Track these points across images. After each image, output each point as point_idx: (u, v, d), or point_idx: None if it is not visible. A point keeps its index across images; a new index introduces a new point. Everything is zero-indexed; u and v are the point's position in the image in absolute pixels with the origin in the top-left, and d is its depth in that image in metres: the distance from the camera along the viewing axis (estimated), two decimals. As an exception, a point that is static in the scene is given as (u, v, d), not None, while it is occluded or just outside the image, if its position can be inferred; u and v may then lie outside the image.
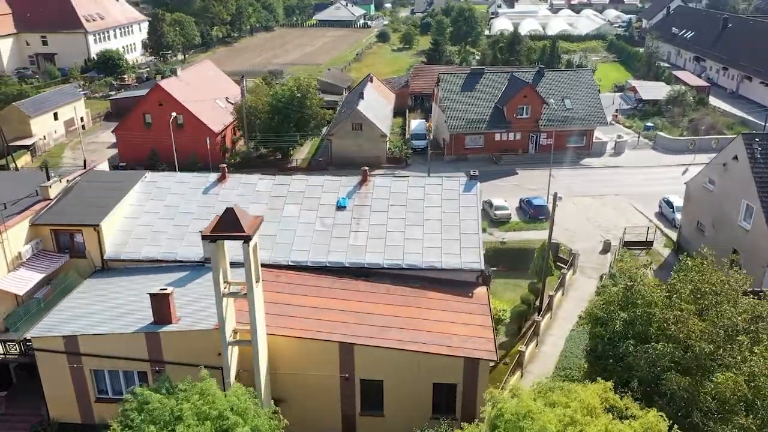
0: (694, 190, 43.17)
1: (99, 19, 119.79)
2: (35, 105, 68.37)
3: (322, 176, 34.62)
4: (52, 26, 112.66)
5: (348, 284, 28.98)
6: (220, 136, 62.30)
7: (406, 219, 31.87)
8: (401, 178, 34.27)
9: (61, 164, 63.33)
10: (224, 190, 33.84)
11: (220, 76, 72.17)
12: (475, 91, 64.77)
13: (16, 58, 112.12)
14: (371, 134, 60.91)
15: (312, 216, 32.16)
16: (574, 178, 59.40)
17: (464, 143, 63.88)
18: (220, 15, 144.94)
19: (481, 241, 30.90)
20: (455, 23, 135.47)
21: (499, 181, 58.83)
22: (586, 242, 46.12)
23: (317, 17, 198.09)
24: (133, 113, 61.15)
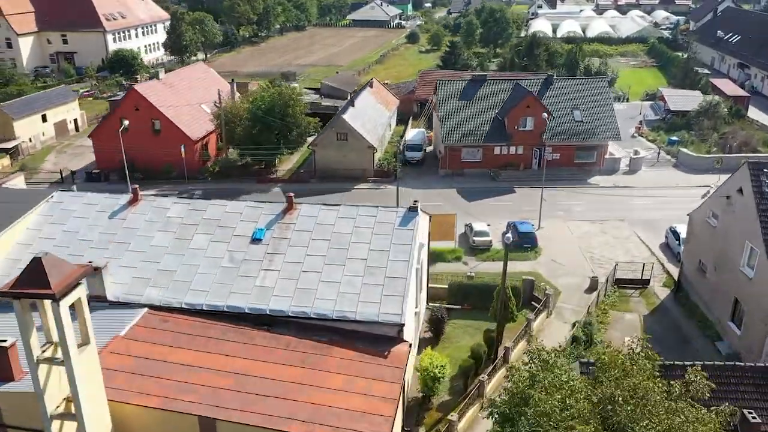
0: (697, 223, 37.14)
1: (120, 18, 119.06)
2: (21, 106, 66.63)
3: (242, 202, 30.54)
4: (72, 25, 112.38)
5: (242, 335, 24.71)
6: (200, 144, 59.00)
7: (327, 257, 27.38)
8: (332, 206, 29.79)
9: (39, 169, 61.29)
10: (132, 214, 30.06)
11: (213, 79, 69.03)
12: (475, 100, 59.55)
13: (37, 56, 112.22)
14: (357, 145, 56.49)
15: (222, 249, 28.04)
16: (576, 199, 53.56)
17: (461, 157, 58.73)
18: (246, 14, 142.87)
19: (410, 287, 26.13)
20: (485, 24, 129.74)
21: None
22: (573, 277, 40.56)
23: (351, 17, 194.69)
24: (109, 118, 58.46)
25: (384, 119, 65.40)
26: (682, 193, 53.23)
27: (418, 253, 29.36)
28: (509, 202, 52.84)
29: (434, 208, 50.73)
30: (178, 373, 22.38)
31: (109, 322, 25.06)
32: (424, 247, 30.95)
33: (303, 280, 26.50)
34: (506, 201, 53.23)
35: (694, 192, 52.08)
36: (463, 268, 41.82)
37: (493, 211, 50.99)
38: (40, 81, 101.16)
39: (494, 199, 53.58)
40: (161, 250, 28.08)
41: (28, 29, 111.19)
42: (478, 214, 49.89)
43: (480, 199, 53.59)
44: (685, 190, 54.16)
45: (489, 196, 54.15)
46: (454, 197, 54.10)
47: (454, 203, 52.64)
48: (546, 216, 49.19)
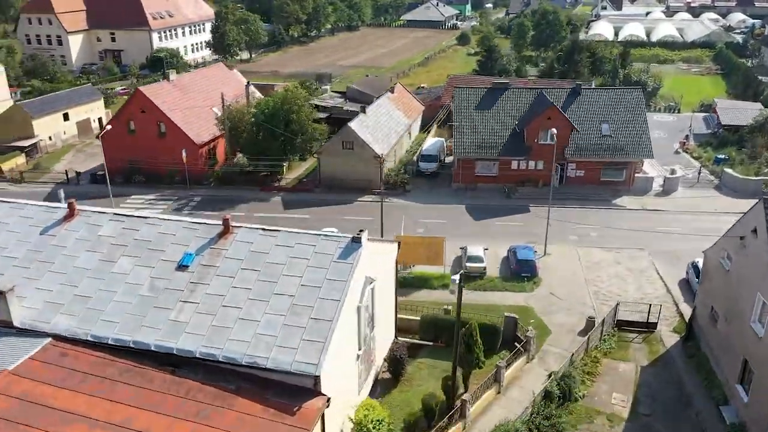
0: (713, 262, 32.14)
1: (167, 17, 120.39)
2: (41, 104, 67.09)
3: (179, 222, 28.04)
4: (120, 23, 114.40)
5: (140, 377, 22.15)
6: (205, 148, 57.40)
7: (253, 290, 24.50)
8: (271, 232, 26.89)
9: (52, 169, 61.27)
10: (65, 230, 28.06)
11: (234, 80, 67.38)
12: (493, 109, 55.36)
13: (86, 53, 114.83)
14: (364, 155, 53.43)
15: (144, 275, 25.63)
16: (596, 222, 48.66)
17: (475, 170, 54.71)
18: (295, 14, 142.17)
19: (336, 331, 22.87)
20: (537, 26, 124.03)
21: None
22: (570, 315, 36.16)
23: (405, 17, 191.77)
24: (117, 119, 57.68)
25: (401, 127, 62.05)
26: (720, 221, 47.40)
27: (362, 290, 26.10)
28: (520, 223, 48.54)
29: (435, 227, 47.47)
30: (49, 423, 20.01)
31: (5, 353, 23.11)
32: (376, 282, 27.59)
33: (220, 317, 23.72)
34: (517, 221, 48.95)
35: (735, 220, 46.24)
36: (448, 297, 38.07)
37: (500, 232, 46.88)
38: (84, 78, 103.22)
39: (504, 219, 49.36)
40: (82, 272, 25.95)
41: (78, 27, 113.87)
42: (481, 235, 45.93)
43: (488, 218, 49.53)
44: (724, 217, 48.24)
45: (499, 215, 49.98)
46: (460, 215, 50.24)
47: (458, 222, 48.84)
48: (556, 240, 44.79)
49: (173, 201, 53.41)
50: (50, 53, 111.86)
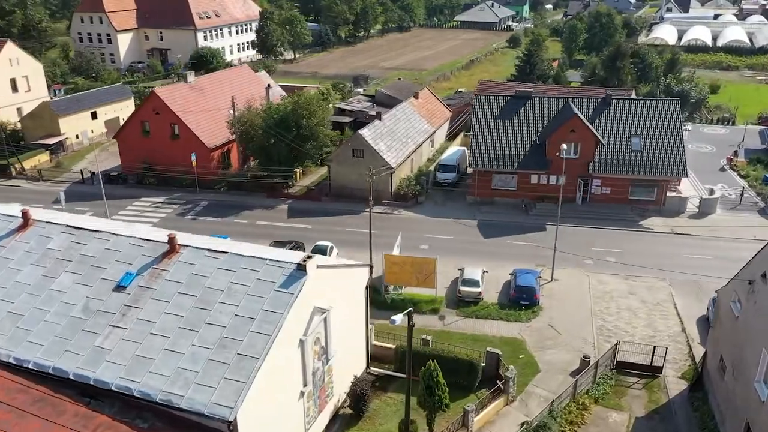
0: (724, 305, 28.29)
1: (214, 16, 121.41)
2: (68, 103, 67.93)
3: (127, 238, 26.52)
4: (167, 22, 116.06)
5: (50, 410, 20.61)
6: (218, 153, 56.43)
7: (185, 318, 22.68)
8: (218, 254, 24.98)
9: (72, 167, 61.71)
10: (16, 242, 27.01)
11: (256, 83, 66.31)
12: (514, 119, 52.02)
13: (135, 52, 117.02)
14: (374, 163, 50.93)
15: (81, 294, 24.24)
16: (616, 245, 44.78)
17: (492, 183, 51.55)
18: (342, 14, 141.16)
19: (260, 371, 20.74)
20: (590, 29, 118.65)
21: (515, 238, 46.08)
22: (565, 351, 32.82)
23: (458, 18, 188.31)
24: (132, 119, 57.47)
25: (421, 135, 59.40)
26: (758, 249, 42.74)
27: (308, 321, 23.89)
28: (533, 243, 45.16)
29: (440, 244, 44.70)
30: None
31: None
32: (333, 310, 25.28)
33: (146, 346, 22.01)
34: (530, 241, 45.58)
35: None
36: (436, 323, 35.41)
37: (509, 252, 43.67)
38: (129, 76, 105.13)
39: (517, 238, 46.08)
40: (22, 287, 24.81)
41: (127, 26, 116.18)
42: (487, 255, 42.92)
43: (499, 236, 46.36)
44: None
45: (512, 233, 46.72)
46: (470, 231, 47.26)
47: (466, 239, 45.90)
48: (568, 263, 41.38)
49: (179, 205, 52.60)
50: (100, 51, 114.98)
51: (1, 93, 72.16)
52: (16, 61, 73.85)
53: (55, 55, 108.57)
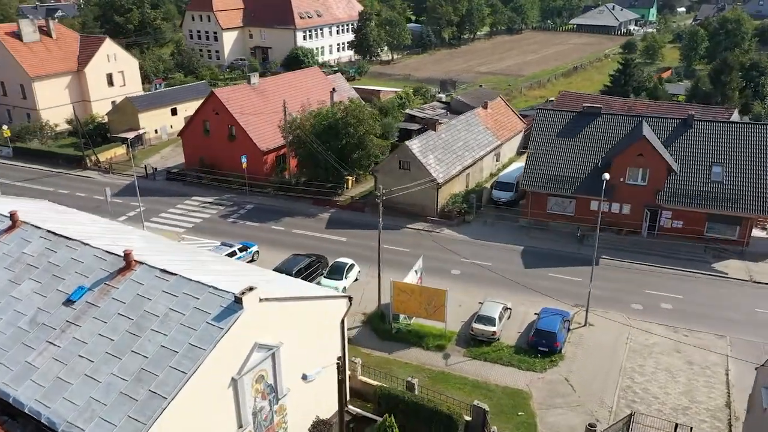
0: (759, 388, 23.01)
1: (316, 16, 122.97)
2: (149, 99, 70.59)
3: (93, 249, 25.78)
4: (270, 21, 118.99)
5: (-35, 424, 20.27)
6: (272, 156, 55.98)
7: (115, 342, 21.50)
8: (167, 275, 23.52)
9: (144, 162, 63.91)
10: (0, 243, 27.36)
11: (325, 86, 65.31)
12: (578, 138, 47.12)
13: (239, 50, 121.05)
14: (420, 177, 48.28)
15: (34, 304, 23.83)
16: (677, 290, 38.99)
17: (547, 206, 47.02)
18: (447, 16, 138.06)
19: (165, 413, 19.06)
20: (714, 37, 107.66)
21: (559, 271, 41.54)
22: (574, 414, 28.55)
23: (574, 21, 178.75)
24: (194, 118, 58.41)
25: (483, 148, 55.63)
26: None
27: (245, 358, 21.93)
28: (578, 278, 40.35)
29: (473, 270, 41.13)
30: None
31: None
32: (286, 347, 23.14)
33: (70, 368, 21.06)
34: (576, 276, 40.78)
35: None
36: (438, 361, 32.23)
37: (548, 287, 39.30)
38: (230, 72, 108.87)
39: (562, 270, 41.51)
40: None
41: (233, 24, 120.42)
42: (521, 288, 38.86)
43: (542, 267, 41.99)
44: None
45: (559, 264, 42.17)
46: (511, 258, 43.24)
47: (505, 267, 41.97)
48: (613, 305, 36.71)
49: (226, 207, 52.67)
50: (207, 48, 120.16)
51: (98, 87, 76.75)
52: (114, 57, 78.17)
53: (168, 51, 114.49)
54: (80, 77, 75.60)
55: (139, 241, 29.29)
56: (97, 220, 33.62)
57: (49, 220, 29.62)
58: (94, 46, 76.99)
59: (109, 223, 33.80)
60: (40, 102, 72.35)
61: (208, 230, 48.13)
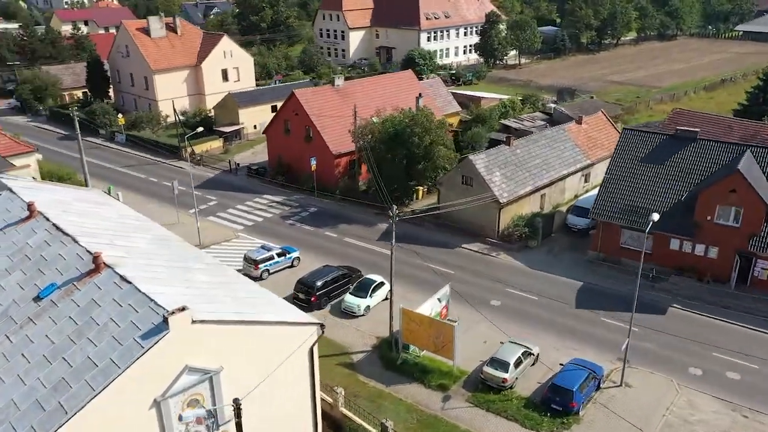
0: None
1: (443, 17, 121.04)
2: (250, 95, 72.73)
3: (81, 248, 25.92)
4: (397, 22, 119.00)
5: None
6: (344, 160, 55.14)
7: (54, 347, 21.39)
8: (123, 283, 23.01)
9: (233, 157, 66.01)
10: (14, 230, 28.53)
11: (412, 91, 62.97)
12: (665, 165, 41.11)
13: (364, 49, 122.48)
14: (482, 194, 44.91)
15: (11, 296, 24.42)
16: (753, 357, 32.52)
17: (619, 240, 41.59)
18: (586, 19, 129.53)
19: (60, 428, 18.59)
20: None
21: (615, 316, 36.42)
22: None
23: (740, 27, 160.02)
24: (277, 117, 59.12)
25: (567, 167, 50.67)
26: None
27: (172, 381, 20.92)
28: (636, 328, 34.92)
29: (514, 303, 37.34)
30: None
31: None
32: (223, 374, 21.85)
33: (9, 367, 21.14)
34: (636, 323, 35.06)
35: None
36: (435, 403, 29.31)
37: (594, 335, 34.63)
38: (351, 71, 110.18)
39: (619, 316, 36.23)
40: (-19, 278, 26.26)
41: (360, 24, 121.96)
42: (559, 331, 34.67)
43: (597, 309, 37.08)
44: None
45: (617, 308, 36.94)
46: (564, 295, 38.67)
47: (551, 304, 37.67)
48: (665, 366, 31.70)
49: (289, 208, 52.70)
50: (335, 47, 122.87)
51: (212, 81, 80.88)
52: (230, 53, 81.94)
53: (299, 49, 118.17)
54: (197, 72, 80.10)
55: (142, 242, 29.50)
56: (126, 215, 34.49)
57: (70, 212, 30.84)
58: (212, 42, 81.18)
59: (137, 220, 34.63)
60: (159, 93, 77.67)
61: (264, 230, 48.36)
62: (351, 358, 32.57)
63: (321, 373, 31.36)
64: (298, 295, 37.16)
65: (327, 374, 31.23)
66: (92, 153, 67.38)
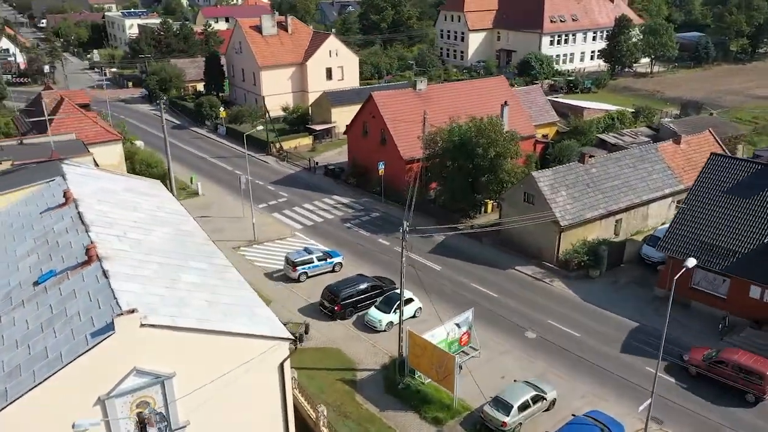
0: None
1: (570, 20, 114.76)
2: (342, 95, 73.02)
3: (87, 237, 26.80)
4: (518, 24, 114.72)
5: None
6: (416, 166, 53.47)
7: (28, 331, 22.32)
8: (102, 278, 23.28)
9: (318, 155, 66.64)
10: (49, 214, 30.54)
11: (500, 98, 59.50)
12: (754, 199, 35.40)
13: (484, 51, 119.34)
14: (543, 214, 41.53)
15: (26, 276, 26.13)
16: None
17: (692, 279, 36.49)
18: (736, 25, 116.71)
19: (0, 415, 19.30)
20: None
21: (663, 368, 31.87)
22: None
23: None
24: (356, 118, 58.80)
25: (654, 192, 45.50)
26: None
27: (119, 381, 21.02)
28: (685, 383, 30.54)
29: (555, 338, 34.02)
30: None
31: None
32: (177, 380, 21.59)
33: (-16, 349, 22.70)
34: (679, 381, 30.91)
35: None
36: (426, 437, 27.33)
37: (627, 386, 30.54)
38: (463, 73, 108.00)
39: (669, 368, 31.76)
40: (6, 253, 28.26)
41: (481, 26, 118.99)
42: (593, 378, 30.94)
43: (644, 357, 32.70)
44: None
45: (665, 359, 32.38)
46: (609, 336, 34.54)
47: (592, 344, 33.87)
48: None
49: (353, 210, 52.16)
50: (454, 48, 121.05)
51: (316, 79, 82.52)
52: (335, 52, 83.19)
53: (416, 50, 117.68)
54: (302, 69, 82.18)
55: (158, 236, 30.19)
56: (163, 208, 35.71)
57: (107, 202, 32.41)
58: (319, 41, 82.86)
59: (172, 213, 35.70)
60: (264, 89, 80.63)
61: (321, 232, 48.29)
62: (355, 375, 31.34)
63: (320, 385, 30.65)
64: (324, 303, 36.51)
65: (326, 388, 30.38)
66: (194, 143, 71.44)
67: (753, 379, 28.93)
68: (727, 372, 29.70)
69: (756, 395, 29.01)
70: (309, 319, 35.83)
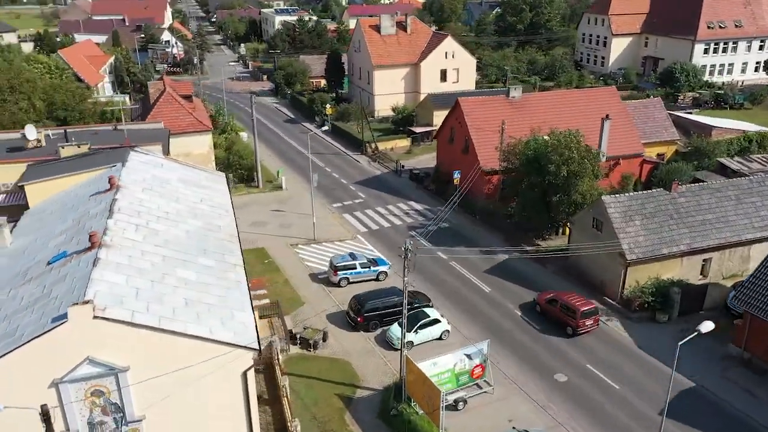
0: None
1: (732, 27, 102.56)
2: (447, 98, 70.69)
3: (109, 222, 27.84)
4: (669, 30, 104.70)
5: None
6: (496, 177, 50.54)
7: (15, 308, 23.88)
8: (93, 263, 23.91)
9: (413, 157, 65.43)
10: (92, 198, 32.57)
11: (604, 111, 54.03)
12: None
13: (628, 57, 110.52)
14: (604, 243, 37.09)
15: (41, 255, 28.20)
16: None
17: (773, 341, 30.55)
18: None
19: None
20: None
21: None
22: None
23: None
24: (445, 124, 56.70)
25: (754, 231, 38.85)
26: None
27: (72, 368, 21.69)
28: None
29: (588, 386, 30.09)
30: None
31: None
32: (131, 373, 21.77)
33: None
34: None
35: None
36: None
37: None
38: (599, 80, 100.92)
39: None
40: (45, 232, 30.56)
41: (627, 30, 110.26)
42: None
43: (685, 424, 27.87)
44: None
45: (723, 430, 27.37)
46: (655, 395, 29.85)
47: (627, 401, 29.63)
48: None
49: (424, 218, 50.20)
50: (594, 53, 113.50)
51: (430, 81, 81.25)
52: (452, 54, 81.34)
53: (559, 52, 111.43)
54: (416, 70, 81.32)
55: (182, 229, 31.00)
56: (207, 200, 36.76)
57: (152, 190, 33.94)
58: (436, 42, 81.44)
59: (213, 206, 36.61)
60: (376, 88, 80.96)
61: (382, 237, 47.23)
62: (355, 392, 30.04)
63: (315, 397, 29.79)
64: (349, 313, 35.54)
65: (320, 401, 29.47)
66: (299, 137, 73.45)
67: (570, 314, 34.45)
68: (556, 310, 35.26)
69: (573, 328, 34.26)
70: (333, 327, 35.09)
